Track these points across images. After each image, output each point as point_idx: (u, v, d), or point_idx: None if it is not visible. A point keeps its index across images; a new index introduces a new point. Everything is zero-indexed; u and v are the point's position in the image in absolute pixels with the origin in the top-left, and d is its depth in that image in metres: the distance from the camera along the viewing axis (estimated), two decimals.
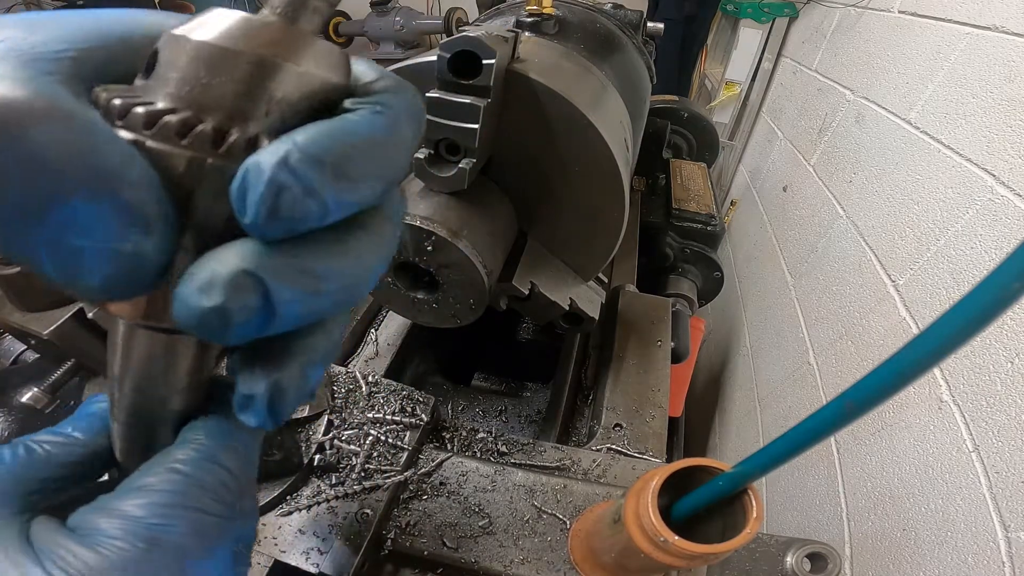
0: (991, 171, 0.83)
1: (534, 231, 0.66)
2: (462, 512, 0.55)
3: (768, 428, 1.42)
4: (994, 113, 0.85)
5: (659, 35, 1.10)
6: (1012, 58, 0.84)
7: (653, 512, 0.34)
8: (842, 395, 0.26)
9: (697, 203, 1.46)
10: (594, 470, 0.61)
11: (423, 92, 0.48)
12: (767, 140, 2.12)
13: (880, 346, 1.01)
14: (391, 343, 0.84)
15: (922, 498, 0.79)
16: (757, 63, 2.26)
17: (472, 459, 0.61)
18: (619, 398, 0.71)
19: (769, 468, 0.31)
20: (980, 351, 0.74)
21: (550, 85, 0.53)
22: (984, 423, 0.71)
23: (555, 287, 0.64)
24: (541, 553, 0.52)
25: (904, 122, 1.11)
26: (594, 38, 0.81)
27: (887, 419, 0.90)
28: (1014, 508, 0.64)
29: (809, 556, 0.49)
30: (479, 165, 0.53)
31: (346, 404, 0.60)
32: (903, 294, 0.97)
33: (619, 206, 0.61)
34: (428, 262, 0.52)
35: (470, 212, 0.54)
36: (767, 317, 1.63)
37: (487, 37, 0.47)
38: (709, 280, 1.48)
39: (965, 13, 0.99)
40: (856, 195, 1.25)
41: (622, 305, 0.87)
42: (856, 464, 0.97)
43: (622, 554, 0.41)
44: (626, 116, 0.74)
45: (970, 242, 0.83)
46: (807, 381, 1.25)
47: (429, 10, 3.61)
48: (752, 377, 1.61)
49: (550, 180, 0.60)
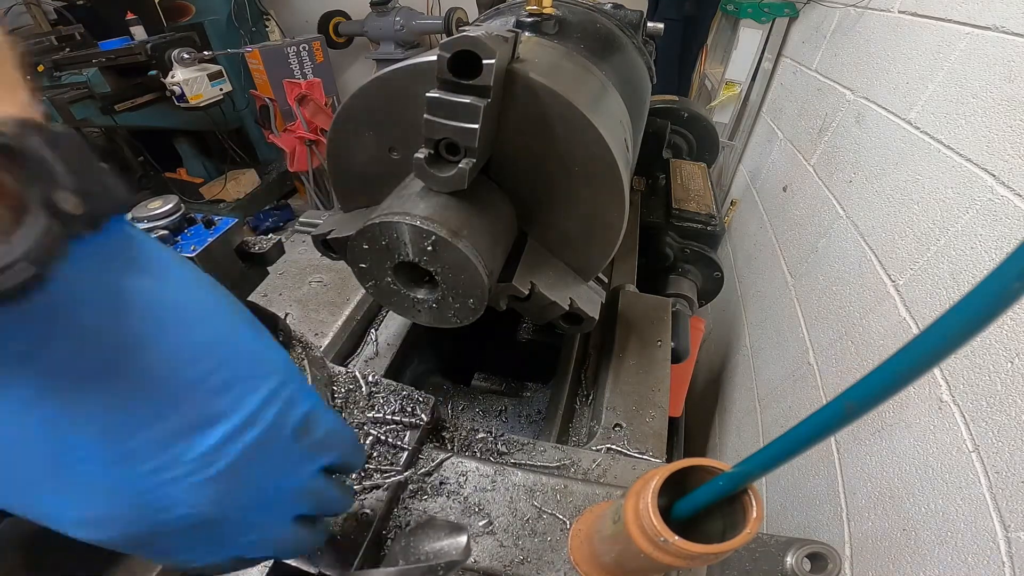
0: (991, 171, 0.83)
1: (534, 231, 0.66)
2: (462, 512, 0.55)
3: (768, 428, 1.42)
4: (994, 113, 0.85)
5: (659, 35, 1.09)
6: (1012, 58, 0.84)
7: (653, 512, 0.34)
8: (842, 395, 0.26)
9: (697, 203, 1.46)
10: (594, 470, 0.61)
11: (423, 92, 0.49)
12: (767, 140, 2.12)
13: (880, 346, 1.01)
14: (391, 343, 0.84)
15: (922, 498, 0.79)
16: (757, 63, 2.26)
17: (472, 459, 0.61)
18: (619, 398, 0.71)
19: (769, 468, 0.31)
20: (980, 351, 0.74)
21: (550, 85, 0.53)
22: (984, 423, 0.71)
23: (555, 287, 0.64)
24: (541, 553, 0.52)
25: (904, 122, 1.11)
26: (594, 38, 0.81)
27: (887, 419, 0.90)
28: (1014, 508, 0.64)
29: (809, 556, 0.49)
30: (479, 165, 0.53)
31: (346, 404, 0.60)
32: (903, 294, 0.97)
33: (619, 206, 0.61)
34: (428, 262, 0.52)
35: (470, 212, 0.54)
36: (767, 317, 1.63)
37: (487, 37, 0.47)
38: (709, 280, 1.48)
39: (965, 13, 0.99)
40: (856, 195, 1.25)
41: (622, 305, 0.87)
42: (856, 464, 0.97)
43: (622, 554, 0.41)
44: (626, 116, 0.74)
45: (970, 242, 0.83)
46: (807, 381, 1.25)
47: (429, 10, 3.61)
48: (752, 377, 1.61)
49: (550, 180, 0.60)
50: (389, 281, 0.56)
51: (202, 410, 0.27)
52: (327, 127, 1.41)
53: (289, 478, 0.32)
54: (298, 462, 0.33)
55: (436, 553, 0.43)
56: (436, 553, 0.43)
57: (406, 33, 3.36)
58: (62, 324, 0.23)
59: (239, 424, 0.28)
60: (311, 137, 2.84)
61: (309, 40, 3.19)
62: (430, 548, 0.43)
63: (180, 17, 3.21)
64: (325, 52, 3.32)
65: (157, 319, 0.26)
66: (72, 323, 0.23)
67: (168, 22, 3.09)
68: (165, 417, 0.26)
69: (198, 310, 0.28)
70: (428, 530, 0.45)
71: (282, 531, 0.34)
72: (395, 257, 0.53)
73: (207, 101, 2.79)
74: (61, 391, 0.24)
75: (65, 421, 0.25)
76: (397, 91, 0.57)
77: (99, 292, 0.24)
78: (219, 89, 2.83)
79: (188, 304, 0.28)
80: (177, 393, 0.27)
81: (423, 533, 0.45)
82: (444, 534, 0.44)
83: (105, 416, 0.25)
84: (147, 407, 0.26)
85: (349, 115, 0.61)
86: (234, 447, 0.28)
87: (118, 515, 0.27)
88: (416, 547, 0.44)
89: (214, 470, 0.28)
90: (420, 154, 0.50)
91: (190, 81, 2.67)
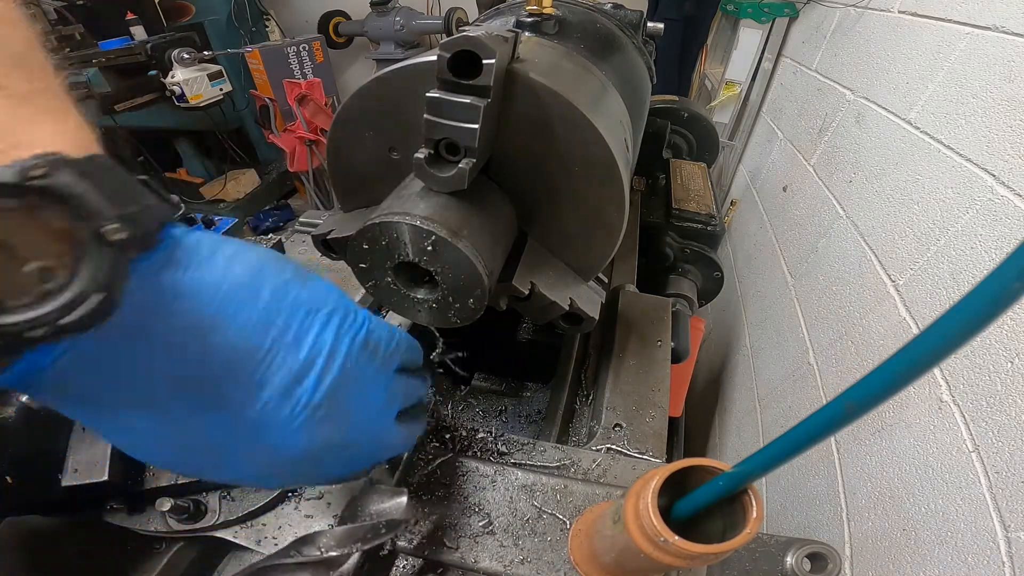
0: (991, 171, 0.83)
1: (534, 231, 0.66)
2: (462, 512, 0.55)
3: (768, 428, 1.42)
4: (994, 113, 0.85)
5: (659, 35, 1.09)
6: (1012, 58, 0.84)
7: (653, 512, 0.34)
8: (842, 395, 0.26)
9: (697, 203, 1.46)
10: (594, 470, 0.61)
11: (423, 92, 0.49)
12: (767, 140, 2.12)
13: (880, 346, 1.01)
14: None
15: (922, 498, 0.79)
16: (757, 63, 2.26)
17: (472, 459, 0.61)
18: (619, 398, 0.71)
19: (769, 468, 0.31)
20: (980, 351, 0.74)
21: (550, 85, 0.53)
22: (984, 423, 0.71)
23: (555, 287, 0.64)
24: (541, 553, 0.52)
25: (904, 122, 1.11)
26: (594, 38, 0.81)
27: (887, 419, 0.90)
28: (1014, 508, 0.64)
29: (809, 556, 0.49)
30: (479, 165, 0.53)
31: None
32: (903, 294, 0.97)
33: (619, 206, 0.61)
34: (428, 262, 0.52)
35: (470, 212, 0.54)
36: (767, 317, 1.63)
37: (487, 37, 0.47)
38: (709, 280, 1.48)
39: (965, 13, 0.99)
40: (856, 195, 1.25)
41: (622, 305, 0.87)
42: (856, 464, 0.97)
43: (622, 554, 0.41)
44: (626, 116, 0.74)
45: (970, 242, 0.83)
46: (807, 381, 1.25)
47: (429, 10, 3.61)
48: (752, 377, 1.61)
49: (550, 180, 0.60)
50: (389, 281, 0.56)
51: (291, 363, 0.32)
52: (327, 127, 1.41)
53: (378, 388, 0.38)
54: (379, 371, 0.38)
55: (379, 513, 0.48)
56: (379, 513, 0.48)
57: (406, 33, 3.36)
58: (145, 341, 0.27)
59: (325, 361, 0.33)
60: (311, 137, 2.84)
61: (309, 40, 3.19)
62: (374, 509, 0.48)
63: (180, 17, 3.21)
64: (325, 52, 3.32)
65: (219, 304, 0.29)
66: (155, 338, 0.27)
67: (168, 22, 3.09)
68: (266, 381, 0.31)
69: (253, 283, 0.31)
70: (372, 494, 0.49)
71: (392, 431, 0.41)
72: (395, 257, 0.53)
73: (207, 101, 2.79)
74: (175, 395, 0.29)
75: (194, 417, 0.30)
76: (397, 91, 0.57)
77: (162, 297, 0.27)
78: (219, 89, 2.83)
79: (242, 281, 0.31)
80: (265, 359, 0.31)
81: (367, 497, 0.49)
82: (387, 497, 0.49)
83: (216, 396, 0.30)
84: (243, 378, 0.30)
85: (349, 115, 0.61)
86: (329, 377, 0.33)
87: (278, 471, 0.34)
88: (362, 509, 0.48)
89: (323, 402, 0.33)
90: (420, 154, 0.50)
91: (190, 81, 2.67)
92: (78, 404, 0.28)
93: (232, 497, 0.54)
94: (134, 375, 0.27)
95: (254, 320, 0.31)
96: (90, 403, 0.28)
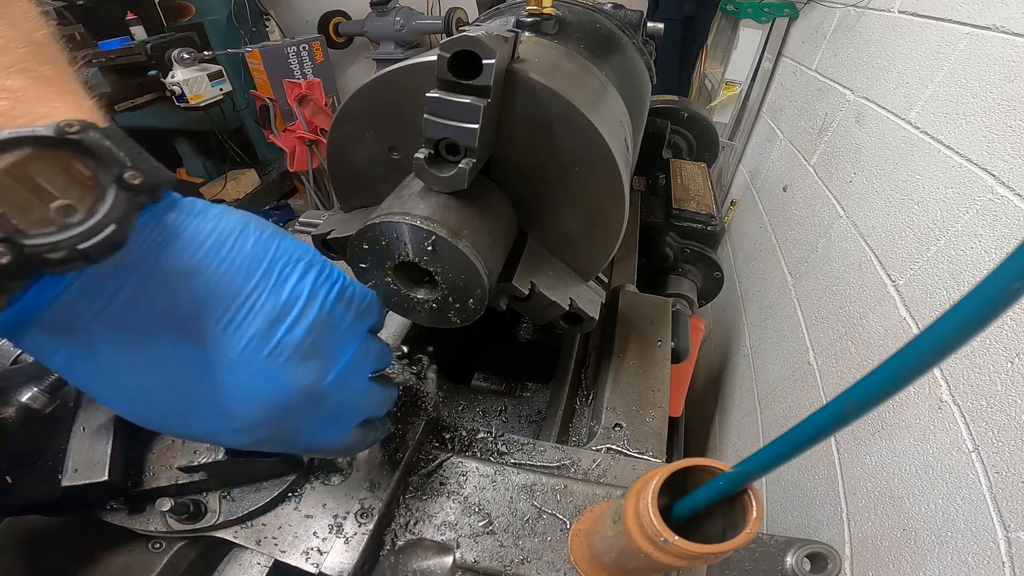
0: (991, 171, 0.83)
1: (534, 231, 0.66)
2: (462, 512, 0.55)
3: (768, 428, 1.42)
4: (994, 113, 0.85)
5: (659, 35, 1.09)
6: (1012, 58, 0.84)
7: (653, 512, 0.34)
8: (842, 395, 0.26)
9: (697, 203, 1.46)
10: (594, 470, 0.61)
11: (423, 92, 0.49)
12: (767, 140, 2.12)
13: (880, 346, 1.01)
14: (391, 343, 0.84)
15: (922, 498, 0.79)
16: (757, 63, 2.26)
17: (472, 459, 0.61)
18: (619, 398, 0.71)
19: (769, 468, 0.31)
20: (980, 351, 0.74)
21: (550, 85, 0.53)
22: (984, 423, 0.71)
23: (555, 287, 0.64)
24: (541, 553, 0.52)
25: (904, 122, 1.11)
26: (594, 38, 0.81)
27: (887, 419, 0.90)
28: (1014, 508, 0.64)
29: (809, 556, 0.49)
30: (479, 165, 0.53)
31: None
32: (903, 294, 0.97)
33: (619, 206, 0.61)
34: (428, 262, 0.52)
35: (470, 212, 0.54)
36: (767, 317, 1.63)
37: (487, 37, 0.47)
38: (709, 280, 1.48)
39: (965, 13, 0.99)
40: (856, 195, 1.25)
41: (622, 305, 0.87)
42: (856, 464, 0.97)
43: (622, 554, 0.41)
44: (626, 116, 0.74)
45: (970, 242, 0.83)
46: (807, 381, 1.25)
47: (429, 10, 3.60)
48: (752, 377, 1.61)
49: (550, 180, 0.60)
50: (389, 281, 0.56)
51: (273, 304, 0.34)
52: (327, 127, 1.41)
53: (352, 340, 0.40)
54: (353, 325, 0.40)
55: (423, 572, 0.46)
56: (423, 572, 0.46)
57: (406, 33, 3.36)
58: (143, 273, 0.30)
59: (304, 303, 0.36)
60: (311, 137, 2.84)
61: (309, 40, 3.19)
62: (417, 566, 0.46)
63: (180, 17, 3.20)
64: (325, 52, 3.32)
65: (209, 248, 0.33)
66: (152, 271, 0.31)
67: (168, 22, 3.09)
68: (248, 322, 0.33)
69: (240, 234, 0.35)
70: (417, 549, 0.47)
71: (366, 389, 0.43)
72: (395, 257, 0.53)
73: (207, 101, 2.78)
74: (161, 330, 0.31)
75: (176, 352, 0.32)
76: (397, 91, 0.57)
77: (162, 235, 0.31)
78: (219, 89, 2.82)
79: (230, 231, 0.34)
80: (248, 299, 0.33)
81: (411, 552, 0.47)
82: (432, 554, 0.47)
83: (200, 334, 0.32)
84: (227, 316, 0.33)
85: (349, 115, 0.61)
86: (308, 318, 0.36)
87: (252, 421, 0.35)
88: (405, 564, 0.47)
89: (300, 344, 0.35)
90: (420, 154, 0.50)
91: (190, 81, 2.67)
92: (65, 342, 0.30)
93: (232, 497, 0.54)
94: (127, 308, 0.30)
95: (238, 264, 0.34)
96: (78, 341, 0.30)
